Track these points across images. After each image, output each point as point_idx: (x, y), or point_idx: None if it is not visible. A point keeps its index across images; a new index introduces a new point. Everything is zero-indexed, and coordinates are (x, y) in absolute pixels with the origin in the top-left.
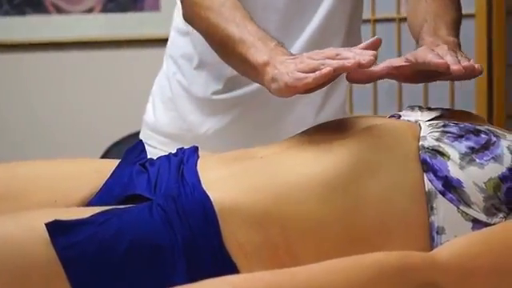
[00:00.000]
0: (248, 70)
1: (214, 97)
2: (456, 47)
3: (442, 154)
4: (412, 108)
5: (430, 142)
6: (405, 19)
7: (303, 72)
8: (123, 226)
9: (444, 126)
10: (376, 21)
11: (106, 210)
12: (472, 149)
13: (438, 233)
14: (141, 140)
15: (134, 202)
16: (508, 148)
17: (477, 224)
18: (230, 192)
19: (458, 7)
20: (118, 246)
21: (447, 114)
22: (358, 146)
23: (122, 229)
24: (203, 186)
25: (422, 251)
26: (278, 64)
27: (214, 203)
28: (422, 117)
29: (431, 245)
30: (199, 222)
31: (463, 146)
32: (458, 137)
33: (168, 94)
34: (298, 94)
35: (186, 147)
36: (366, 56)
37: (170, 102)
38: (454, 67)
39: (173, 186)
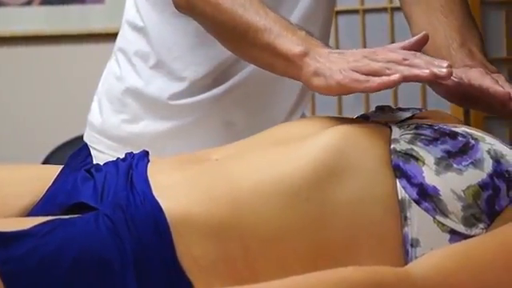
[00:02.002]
0: (276, 61)
1: (172, 102)
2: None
3: (417, 159)
4: (381, 108)
5: (402, 145)
6: (370, 10)
7: (360, 72)
8: (67, 238)
9: (417, 127)
10: (338, 12)
11: (49, 221)
12: (448, 153)
13: (412, 245)
14: (86, 144)
15: (78, 212)
16: (488, 152)
17: (455, 236)
18: (183, 200)
19: (475, 21)
20: (61, 261)
21: (420, 115)
22: (323, 149)
23: (65, 241)
24: (154, 193)
25: (394, 266)
26: (319, 57)
27: (166, 213)
28: (393, 118)
29: (405, 259)
30: (150, 234)
31: (439, 149)
32: (433, 140)
33: (117, 93)
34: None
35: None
36: (442, 68)
37: (119, 102)
38: None
39: (121, 194)
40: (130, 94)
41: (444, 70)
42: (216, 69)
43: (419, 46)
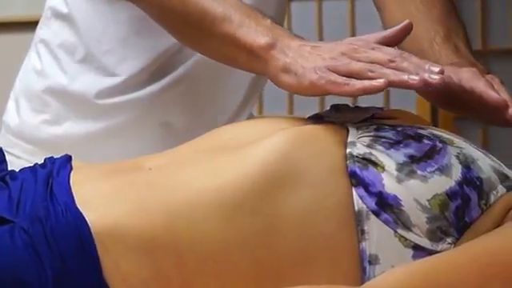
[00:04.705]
0: (238, 54)
1: (101, 101)
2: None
3: (375, 165)
4: (337, 107)
5: (359, 149)
6: None
7: (337, 72)
8: None
9: (377, 129)
10: None
11: None
12: (412, 157)
13: (370, 262)
14: (0, 148)
15: None
16: (457, 157)
17: (419, 251)
18: (111, 212)
19: (456, 8)
20: None
21: (381, 115)
22: (269, 156)
23: None
24: (78, 204)
25: (349, 285)
26: (288, 50)
27: (91, 226)
28: (350, 118)
29: (362, 277)
30: (73, 251)
31: (401, 154)
32: (395, 143)
33: (37, 91)
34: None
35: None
36: (434, 75)
37: (39, 101)
38: None
39: (40, 205)
40: (52, 92)
41: (436, 77)
42: (153, 63)
43: (403, 36)
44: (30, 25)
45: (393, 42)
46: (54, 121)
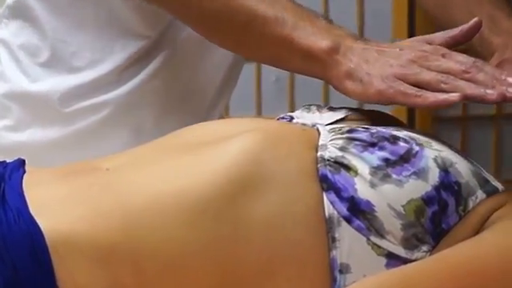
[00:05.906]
0: (292, 57)
1: (66, 105)
2: None
3: (348, 168)
4: (308, 108)
5: (331, 152)
6: None
7: (405, 81)
8: None
9: (350, 131)
10: None
11: None
12: (387, 161)
13: (341, 271)
14: None
15: None
16: (435, 160)
17: (393, 260)
18: (66, 217)
19: None
20: None
21: (354, 116)
22: (235, 158)
23: None
24: (31, 210)
25: None
26: (351, 54)
27: (44, 234)
28: (322, 119)
29: (332, 287)
30: (26, 260)
31: (375, 157)
32: (369, 145)
33: None
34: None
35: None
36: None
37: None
38: None
39: None
40: (13, 96)
41: None
42: (122, 64)
43: (472, 35)
44: None
45: (462, 42)
46: (15, 126)
